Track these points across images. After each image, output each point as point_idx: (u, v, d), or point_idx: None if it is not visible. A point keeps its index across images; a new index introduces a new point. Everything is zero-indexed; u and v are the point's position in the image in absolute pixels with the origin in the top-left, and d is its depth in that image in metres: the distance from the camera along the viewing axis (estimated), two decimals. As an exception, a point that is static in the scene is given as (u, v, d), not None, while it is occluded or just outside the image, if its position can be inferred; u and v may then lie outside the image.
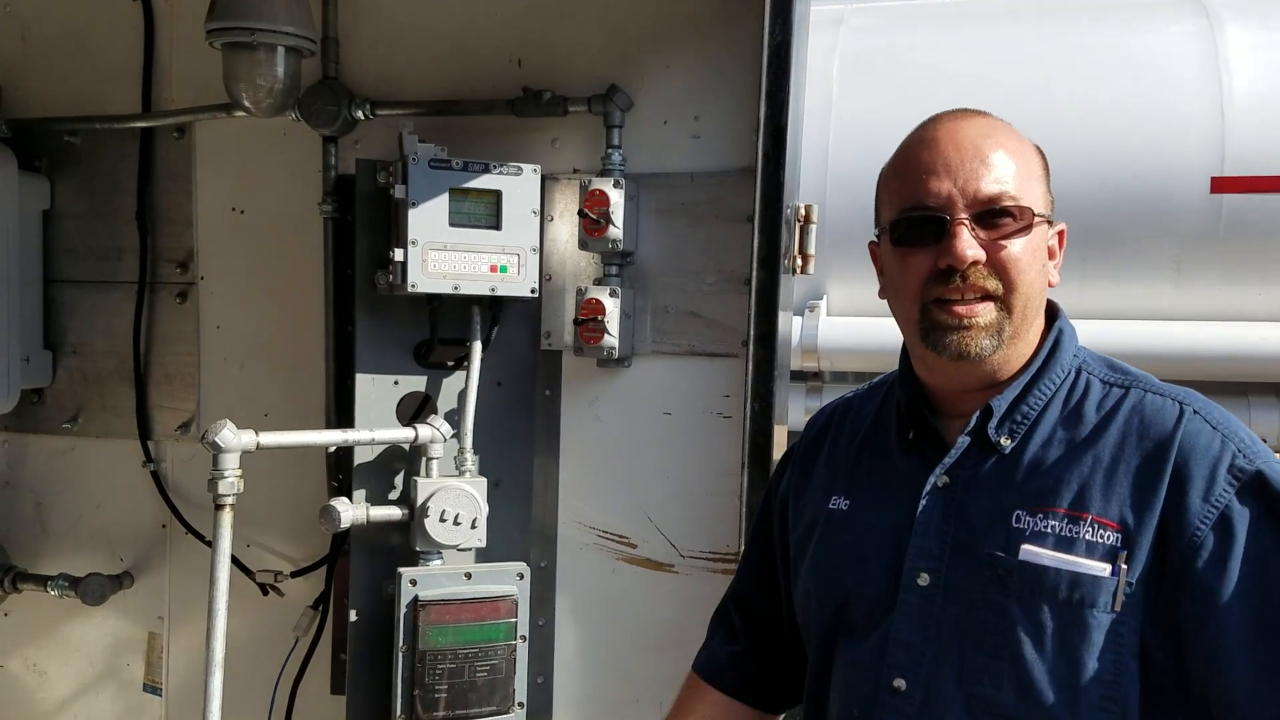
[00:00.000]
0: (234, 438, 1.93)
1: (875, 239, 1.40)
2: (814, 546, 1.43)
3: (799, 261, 2.11)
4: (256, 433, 1.96)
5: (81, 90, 2.47)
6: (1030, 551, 1.22)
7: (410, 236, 2.02)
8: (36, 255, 2.49)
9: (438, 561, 2.11)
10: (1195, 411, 1.24)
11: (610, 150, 2.14)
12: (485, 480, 2.13)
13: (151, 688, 2.54)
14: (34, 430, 2.57)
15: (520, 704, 2.11)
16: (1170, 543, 1.19)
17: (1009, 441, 1.29)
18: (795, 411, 3.42)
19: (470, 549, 2.13)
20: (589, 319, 2.11)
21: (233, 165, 2.42)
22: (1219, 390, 2.82)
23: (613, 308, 2.11)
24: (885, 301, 1.40)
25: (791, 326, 2.68)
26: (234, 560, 2.31)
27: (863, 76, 3.33)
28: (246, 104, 2.14)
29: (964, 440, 1.31)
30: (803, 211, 2.10)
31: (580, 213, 2.10)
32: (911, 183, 1.28)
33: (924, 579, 1.28)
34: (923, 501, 1.31)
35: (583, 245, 2.15)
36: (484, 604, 2.09)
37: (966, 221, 1.25)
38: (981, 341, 1.27)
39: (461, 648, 2.06)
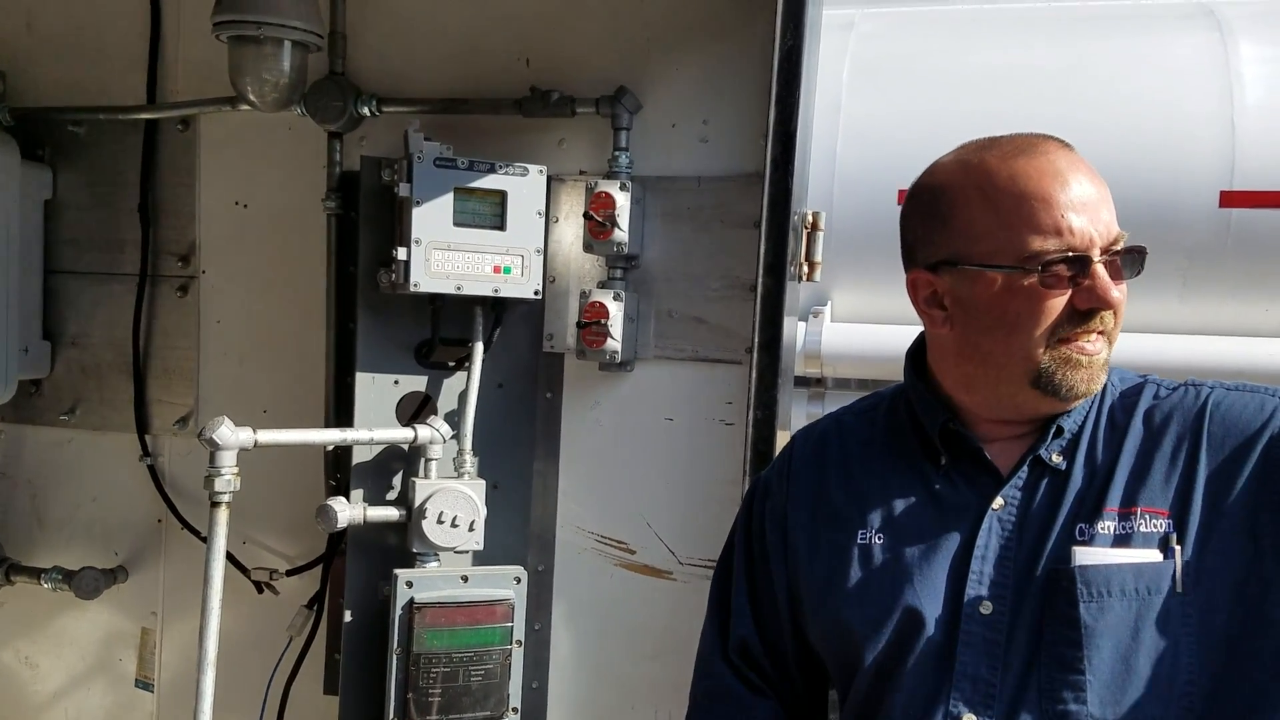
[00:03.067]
0: (231, 435, 1.91)
1: (927, 266, 1.32)
2: (850, 582, 1.34)
3: (805, 269, 2.09)
4: (254, 430, 1.94)
5: (86, 80, 2.45)
6: (1087, 553, 1.21)
7: (414, 235, 2.00)
8: (37, 245, 2.47)
9: (434, 563, 2.10)
10: (1212, 387, 1.30)
11: (617, 152, 2.12)
12: (484, 482, 2.11)
13: (143, 683, 2.53)
14: (31, 421, 2.55)
15: (515, 709, 2.09)
16: (1230, 481, 1.22)
17: (1061, 459, 1.29)
18: (798, 419, 3.40)
19: (467, 551, 2.12)
20: (592, 322, 2.09)
21: (237, 159, 2.41)
22: (1224, 406, 2.80)
23: (616, 311, 2.09)
24: (921, 320, 1.36)
25: (795, 332, 2.66)
26: (229, 557, 2.30)
27: (872, 82, 3.30)
28: (252, 98, 2.13)
29: (1026, 461, 1.30)
30: (810, 218, 2.09)
31: (586, 215, 2.08)
32: (1043, 217, 1.21)
33: (987, 607, 1.24)
34: (982, 527, 1.28)
35: (587, 248, 2.14)
36: (480, 607, 2.07)
37: (1104, 261, 1.22)
38: (1099, 378, 1.27)
39: (456, 651, 2.05)
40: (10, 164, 2.35)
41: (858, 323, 3.35)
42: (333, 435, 2.09)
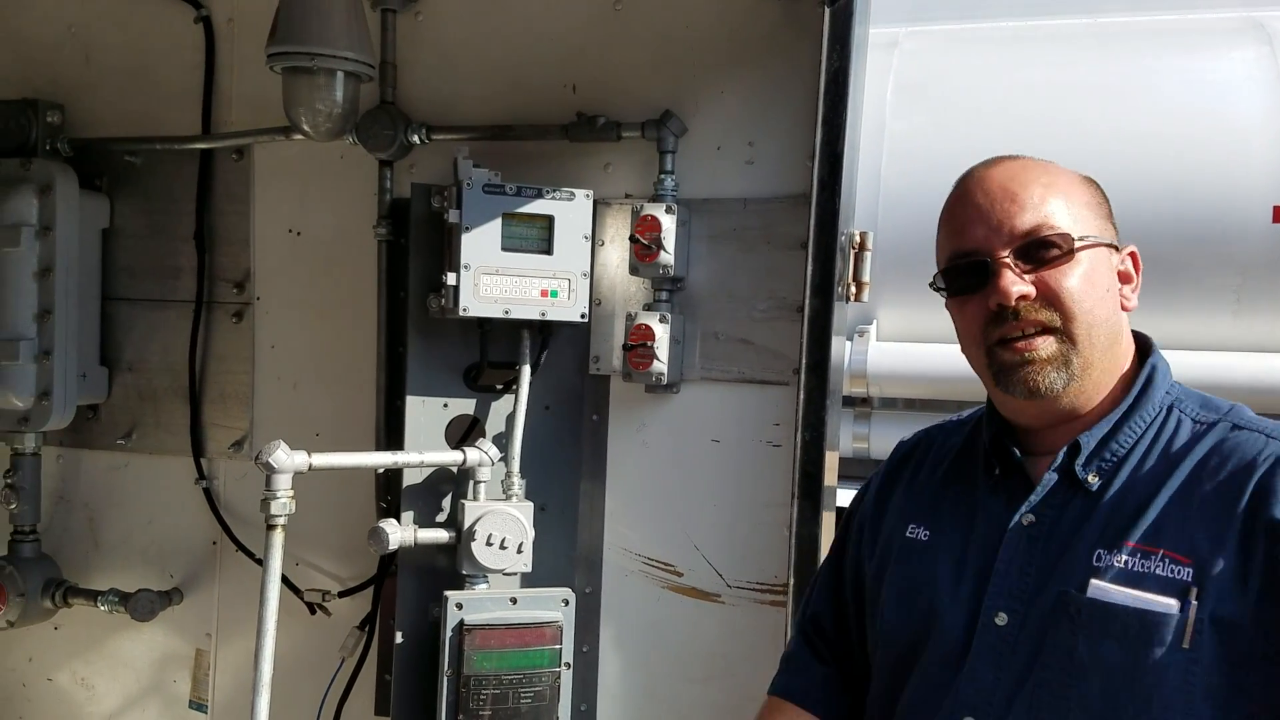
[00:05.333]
0: (287, 459, 1.94)
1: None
2: (891, 574, 1.42)
3: (853, 289, 2.09)
4: (309, 453, 1.97)
5: (142, 111, 2.51)
6: (1098, 588, 1.20)
7: (463, 261, 2.03)
8: (95, 273, 2.53)
9: (484, 585, 2.11)
10: None
11: (663, 175, 2.14)
12: (531, 504, 2.12)
13: (197, 705, 2.56)
14: (89, 445, 2.61)
15: (564, 731, 2.09)
16: (1257, 553, 1.15)
17: (1096, 479, 1.27)
18: (844, 438, 3.39)
19: (516, 574, 2.13)
20: (638, 344, 2.10)
21: (290, 187, 2.45)
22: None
23: (662, 333, 2.10)
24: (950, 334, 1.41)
25: (843, 352, 2.66)
26: (283, 579, 2.33)
27: (917, 100, 3.31)
28: (305, 128, 2.17)
29: (1050, 477, 1.30)
30: (858, 238, 2.08)
31: (631, 238, 2.10)
32: (952, 236, 1.34)
33: (1002, 618, 1.27)
34: (1006, 539, 1.30)
35: (633, 270, 2.15)
36: (529, 629, 2.08)
37: (1008, 260, 1.26)
38: (1049, 375, 1.26)
39: (506, 673, 2.06)
40: (69, 194, 2.42)
41: (904, 342, 3.34)
42: (383, 458, 2.11)
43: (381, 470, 2.29)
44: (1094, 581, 1.20)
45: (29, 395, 2.38)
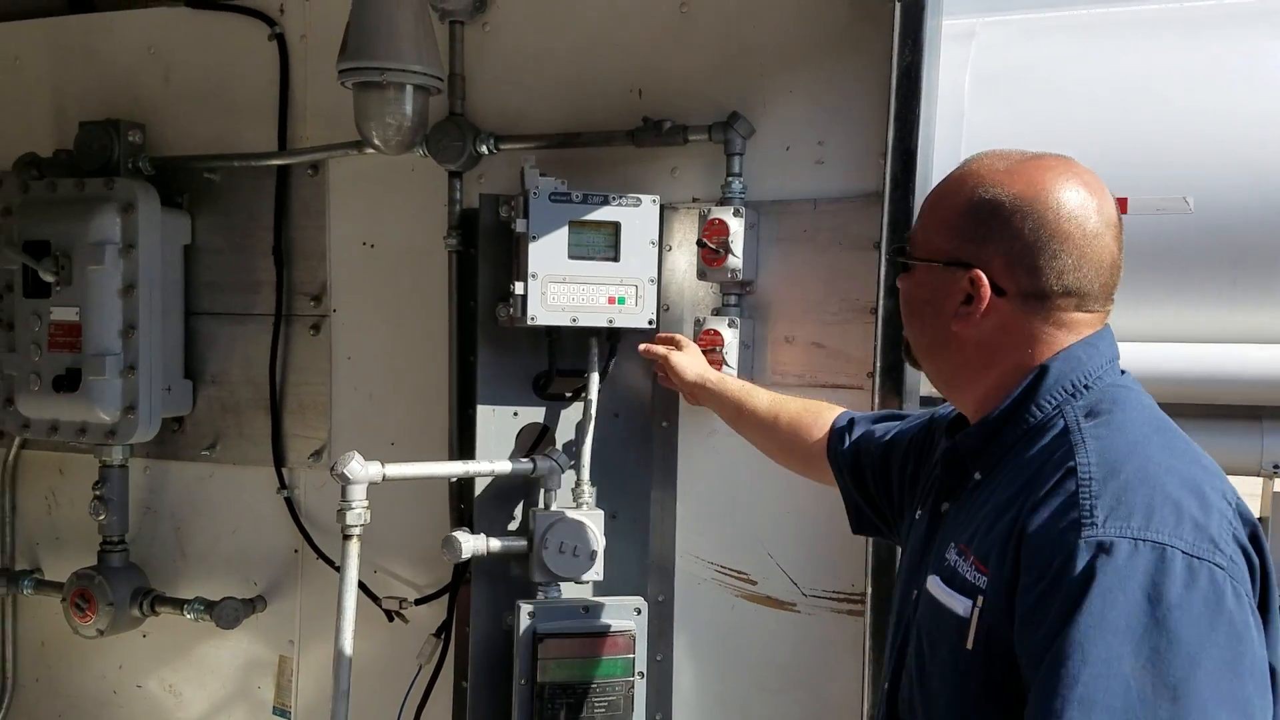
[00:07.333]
0: (361, 469, 1.96)
1: None
2: (906, 547, 1.49)
3: (927, 290, 2.03)
4: (383, 464, 1.99)
5: (220, 128, 2.57)
6: (932, 580, 1.26)
7: (530, 269, 2.03)
8: (179, 288, 2.60)
9: (556, 593, 2.11)
10: (1077, 467, 1.13)
11: (730, 178, 2.11)
12: (602, 512, 2.11)
13: (281, 711, 2.61)
14: (174, 457, 2.67)
15: (639, 741, 2.08)
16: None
17: (979, 475, 1.30)
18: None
19: (588, 582, 2.12)
20: (707, 350, 2.08)
21: (364, 200, 2.49)
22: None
23: (731, 338, 2.07)
24: None
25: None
26: (361, 586, 2.36)
27: (995, 92, 3.20)
28: (376, 142, 2.19)
29: (943, 466, 1.37)
30: (931, 238, 2.03)
31: (699, 242, 2.08)
32: None
33: (914, 595, 1.34)
34: (926, 522, 1.38)
35: (701, 275, 2.13)
36: (601, 638, 2.07)
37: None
38: (909, 357, 1.44)
39: (579, 682, 2.05)
40: (152, 212, 2.48)
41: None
42: (455, 468, 2.12)
43: (455, 479, 2.30)
44: (932, 575, 1.26)
45: (115, 409, 2.44)
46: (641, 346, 2.09)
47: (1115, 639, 1.01)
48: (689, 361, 2.04)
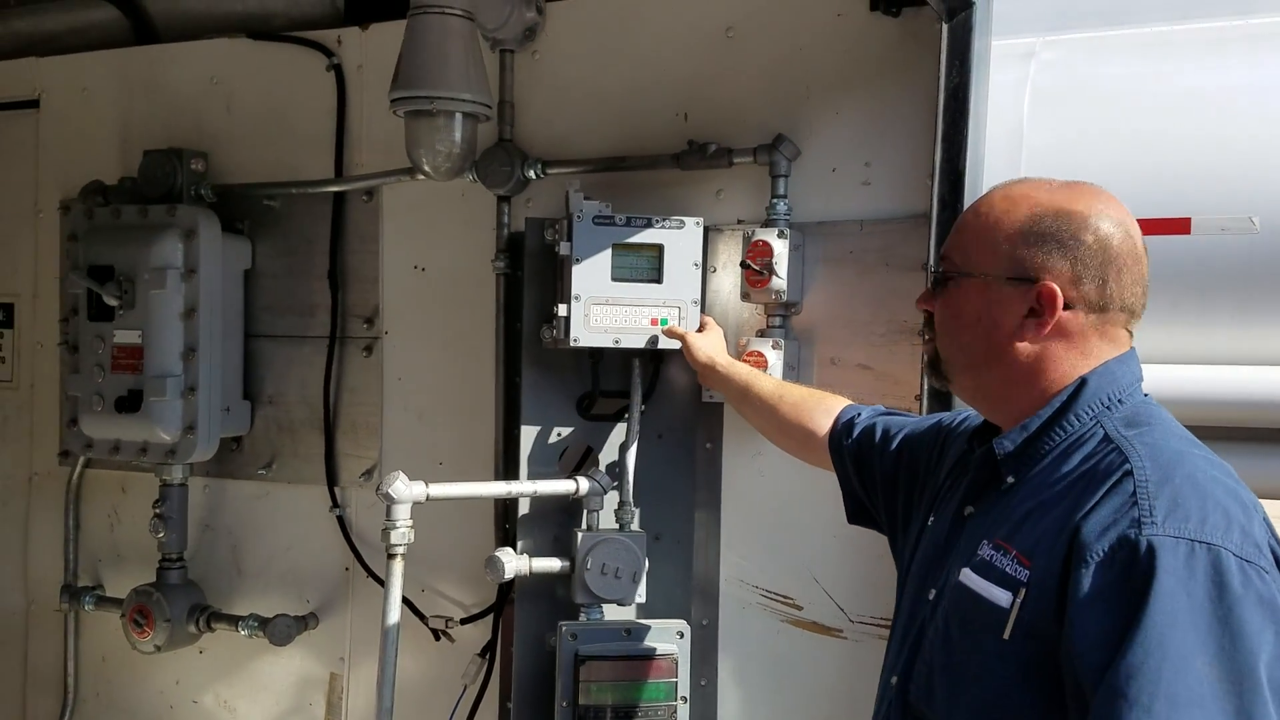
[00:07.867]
0: (405, 489, 1.98)
1: None
2: (916, 550, 1.49)
3: (974, 311, 2.00)
4: (427, 484, 2.01)
5: (279, 156, 2.64)
6: (965, 574, 1.28)
7: (574, 292, 2.05)
8: (238, 312, 2.66)
9: (598, 615, 2.10)
10: (1134, 470, 1.18)
11: (775, 200, 2.11)
12: (645, 534, 2.11)
13: (331, 727, 2.64)
14: (232, 475, 2.73)
15: (682, 766, 2.06)
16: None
17: (1012, 479, 1.32)
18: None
19: (631, 604, 2.11)
20: (752, 372, 2.07)
21: (416, 225, 2.53)
22: None
23: (775, 360, 2.06)
24: None
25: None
26: (408, 604, 2.38)
27: (1055, 111, 3.15)
28: (426, 168, 2.22)
29: (975, 471, 1.38)
30: (978, 259, 2.00)
31: (742, 264, 2.07)
32: None
33: (931, 594, 1.36)
34: (947, 525, 1.40)
35: (745, 297, 2.12)
36: (644, 661, 2.06)
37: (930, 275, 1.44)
38: (931, 371, 1.44)
39: (622, 705, 2.04)
40: (214, 237, 2.55)
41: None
42: (498, 488, 2.13)
43: (499, 499, 2.32)
44: (965, 568, 1.28)
45: (176, 429, 2.51)
46: (665, 327, 2.10)
47: (1190, 636, 1.06)
48: (705, 342, 2.06)
